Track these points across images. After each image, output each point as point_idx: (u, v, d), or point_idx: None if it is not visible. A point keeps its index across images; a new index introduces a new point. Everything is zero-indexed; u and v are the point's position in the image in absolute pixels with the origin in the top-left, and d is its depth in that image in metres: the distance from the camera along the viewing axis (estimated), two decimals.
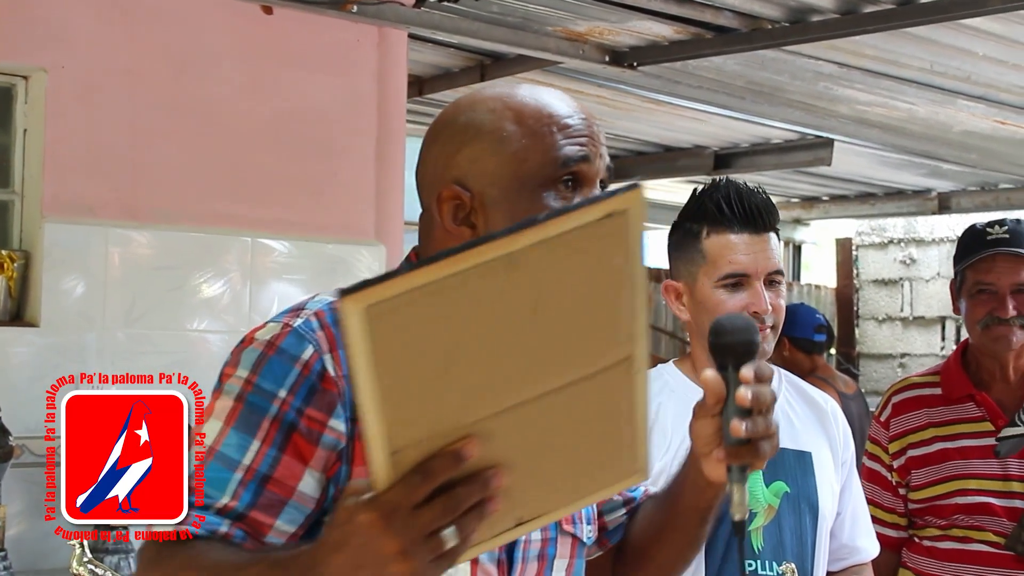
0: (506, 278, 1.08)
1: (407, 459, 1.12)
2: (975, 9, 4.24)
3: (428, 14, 4.36)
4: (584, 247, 1.12)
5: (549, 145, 1.50)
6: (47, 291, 3.55)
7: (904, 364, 10.51)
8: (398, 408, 1.09)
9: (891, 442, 3.04)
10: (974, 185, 9.06)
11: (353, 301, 1.04)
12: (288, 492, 1.42)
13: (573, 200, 1.48)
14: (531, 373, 1.14)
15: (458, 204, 1.51)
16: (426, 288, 1.06)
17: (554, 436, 1.19)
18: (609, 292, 1.16)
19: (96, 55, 3.69)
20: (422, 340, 1.08)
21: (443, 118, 1.59)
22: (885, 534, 2.99)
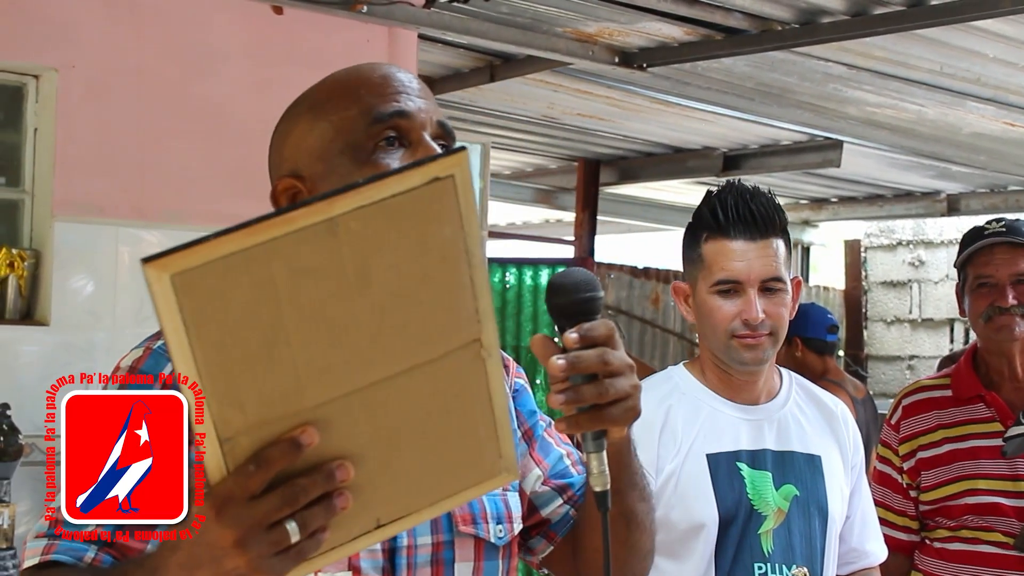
0: (326, 246, 1.02)
1: (240, 448, 1.06)
2: (985, 11, 4.23)
3: (438, 15, 4.37)
4: (408, 214, 1.05)
5: (362, 107, 1.44)
6: (57, 290, 3.56)
7: (912, 366, 10.50)
8: (223, 389, 1.03)
9: (901, 444, 3.04)
10: (983, 187, 9.05)
11: (156, 268, 0.98)
12: None
13: (399, 156, 1.42)
14: (370, 354, 1.08)
15: (295, 192, 1.47)
16: (238, 255, 0.99)
17: (404, 426, 1.12)
18: (444, 266, 1.09)
19: (106, 55, 3.70)
20: (240, 313, 1.01)
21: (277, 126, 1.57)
22: (896, 537, 2.99)
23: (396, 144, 1.43)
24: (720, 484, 2.25)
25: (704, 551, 2.22)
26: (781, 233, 2.30)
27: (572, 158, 8.24)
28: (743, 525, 2.24)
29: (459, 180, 1.06)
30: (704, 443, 2.27)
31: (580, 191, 8.29)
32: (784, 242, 2.31)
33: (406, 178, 1.04)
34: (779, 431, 2.34)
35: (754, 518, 2.25)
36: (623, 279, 8.62)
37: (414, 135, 1.44)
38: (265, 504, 1.07)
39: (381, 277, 1.05)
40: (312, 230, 1.01)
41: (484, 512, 1.54)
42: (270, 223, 1.00)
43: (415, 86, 1.48)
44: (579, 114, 6.63)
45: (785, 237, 2.32)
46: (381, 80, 1.47)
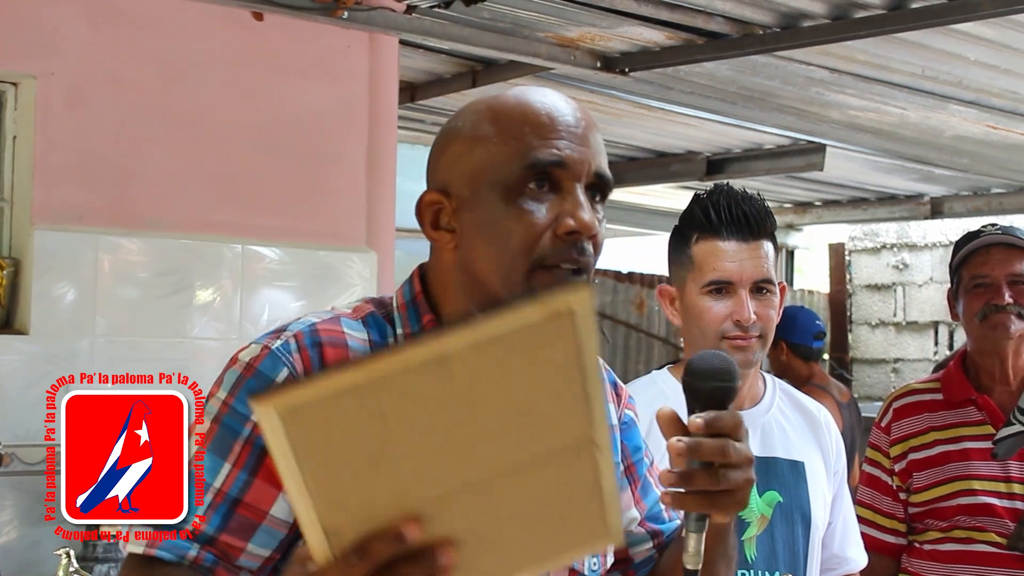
0: (438, 379, 1.04)
1: (346, 538, 1.10)
2: (966, 14, 4.24)
3: (419, 20, 4.36)
4: (524, 347, 1.06)
5: (522, 146, 1.44)
6: (37, 299, 3.54)
7: (897, 369, 10.52)
8: (328, 496, 1.07)
9: (892, 446, 3.05)
10: (966, 190, 9.08)
11: (264, 406, 1.02)
12: (259, 516, 1.40)
13: (546, 205, 1.43)
14: (477, 460, 1.11)
15: (439, 208, 1.49)
16: (348, 392, 1.02)
17: (512, 513, 1.16)
18: (559, 386, 1.10)
19: (86, 62, 3.68)
20: (346, 436, 1.05)
21: (442, 128, 1.58)
22: (884, 539, 3.00)
23: (547, 189, 1.44)
24: None
25: None
26: (771, 236, 2.30)
27: None
28: None
29: (579, 314, 1.06)
30: None
31: None
32: (773, 245, 2.31)
33: (524, 314, 1.04)
34: (763, 437, 2.34)
35: (738, 525, 2.25)
36: (607, 284, 8.62)
37: (567, 184, 1.45)
38: None
39: (491, 400, 1.07)
40: (425, 367, 1.03)
41: None
42: (383, 362, 1.02)
43: (580, 130, 1.48)
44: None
45: (774, 241, 2.32)
46: (548, 120, 1.46)
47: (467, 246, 1.47)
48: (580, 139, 1.47)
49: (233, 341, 3.80)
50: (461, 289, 1.49)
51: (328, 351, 1.45)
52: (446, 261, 1.51)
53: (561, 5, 4.41)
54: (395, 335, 1.51)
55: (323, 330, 1.48)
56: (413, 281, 1.56)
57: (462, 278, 1.49)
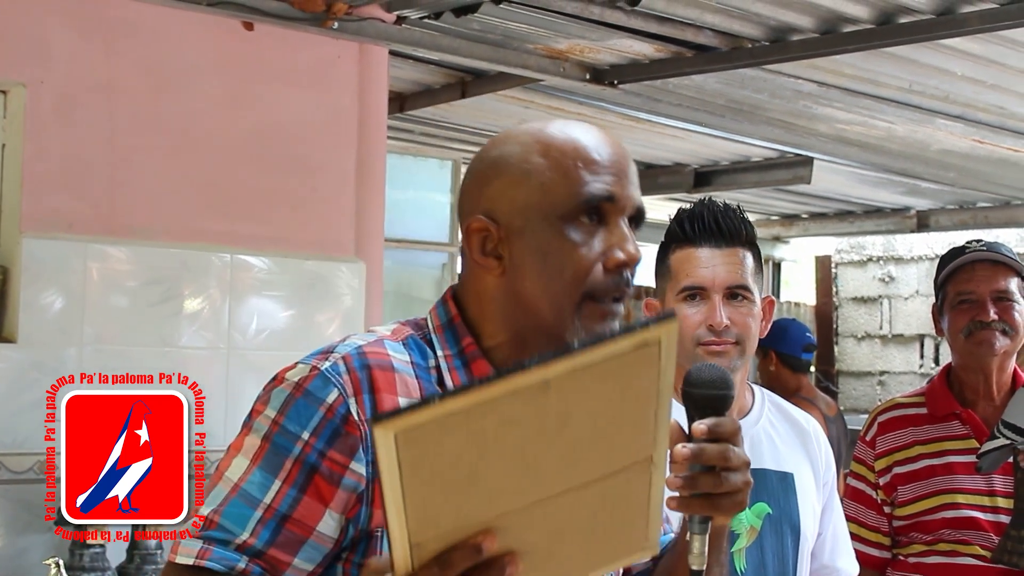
0: (537, 403, 1.13)
1: (428, 549, 1.17)
2: (953, 29, 4.26)
3: (409, 31, 4.36)
4: (615, 373, 1.16)
5: (574, 180, 1.52)
6: (25, 307, 3.53)
7: (883, 382, 10.54)
8: (423, 512, 1.14)
9: (877, 459, 3.06)
10: (952, 203, 9.10)
11: (383, 428, 1.09)
12: (307, 532, 1.46)
13: (596, 237, 1.51)
14: (555, 477, 1.19)
15: (486, 235, 1.54)
16: (458, 414, 1.10)
17: (572, 525, 1.25)
18: (636, 409, 1.21)
19: (76, 70, 3.68)
20: (450, 458, 1.13)
21: (479, 153, 1.63)
22: (868, 553, 3.01)
23: (596, 222, 1.52)
24: None
25: None
26: (748, 245, 2.32)
27: None
28: None
29: (665, 344, 1.18)
30: None
31: None
32: (753, 255, 2.32)
33: (619, 343, 1.15)
34: (751, 448, 2.34)
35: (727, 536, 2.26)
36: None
37: (614, 218, 1.53)
38: None
39: (578, 421, 1.17)
40: (527, 391, 1.12)
41: None
42: (492, 387, 1.11)
43: (626, 167, 1.57)
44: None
45: (754, 250, 2.33)
46: (597, 156, 1.54)
47: (516, 274, 1.53)
48: (626, 174, 1.56)
49: (221, 350, 3.80)
50: (504, 314, 1.55)
51: (376, 373, 1.50)
52: (489, 286, 1.56)
53: (551, 17, 4.42)
54: (435, 356, 1.56)
55: (370, 352, 1.53)
56: (448, 304, 1.62)
57: (507, 304, 1.54)
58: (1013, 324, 2.97)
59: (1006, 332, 2.96)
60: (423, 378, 1.53)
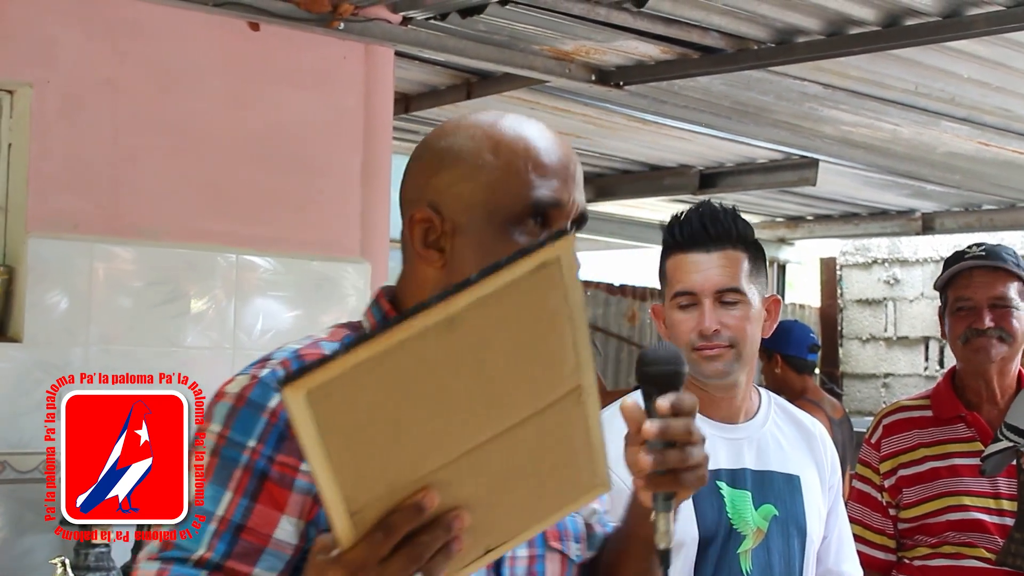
0: (446, 340, 1.10)
1: (368, 517, 1.14)
2: (960, 32, 4.26)
3: (415, 32, 4.36)
4: (519, 297, 1.14)
5: (523, 183, 1.51)
6: (30, 306, 3.53)
7: (888, 384, 10.53)
8: (353, 475, 1.11)
9: (882, 462, 3.07)
10: (958, 206, 9.09)
11: (293, 389, 1.06)
12: (264, 540, 1.43)
13: (539, 237, 1.49)
14: (482, 419, 1.16)
15: (429, 227, 1.53)
16: (366, 363, 1.07)
17: (513, 469, 1.21)
18: (551, 334, 1.18)
19: (82, 70, 3.68)
20: (368, 411, 1.09)
21: (426, 140, 1.61)
22: (873, 556, 3.01)
23: (540, 224, 1.51)
24: (700, 503, 2.25)
25: (682, 570, 2.22)
26: (742, 246, 2.31)
27: None
28: (722, 544, 2.24)
29: (564, 261, 1.15)
30: None
31: None
32: (750, 256, 2.31)
33: (517, 267, 1.13)
34: (758, 451, 2.35)
35: (733, 537, 2.26)
36: (599, 296, 8.61)
37: (558, 222, 1.53)
38: (394, 565, 1.16)
39: (494, 355, 1.14)
40: (434, 329, 1.09)
41: (568, 531, 1.67)
42: (395, 330, 1.08)
43: (572, 170, 1.56)
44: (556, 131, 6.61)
45: (751, 251, 2.32)
46: (547, 160, 1.54)
47: (456, 269, 1.51)
48: (573, 178, 1.56)
49: (227, 350, 3.80)
50: None
51: None
52: (429, 279, 1.54)
53: (557, 19, 4.41)
54: None
55: (307, 355, 1.51)
56: (381, 302, 1.61)
57: None
58: (1011, 331, 2.97)
59: (1003, 339, 2.96)
60: None
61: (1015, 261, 3.02)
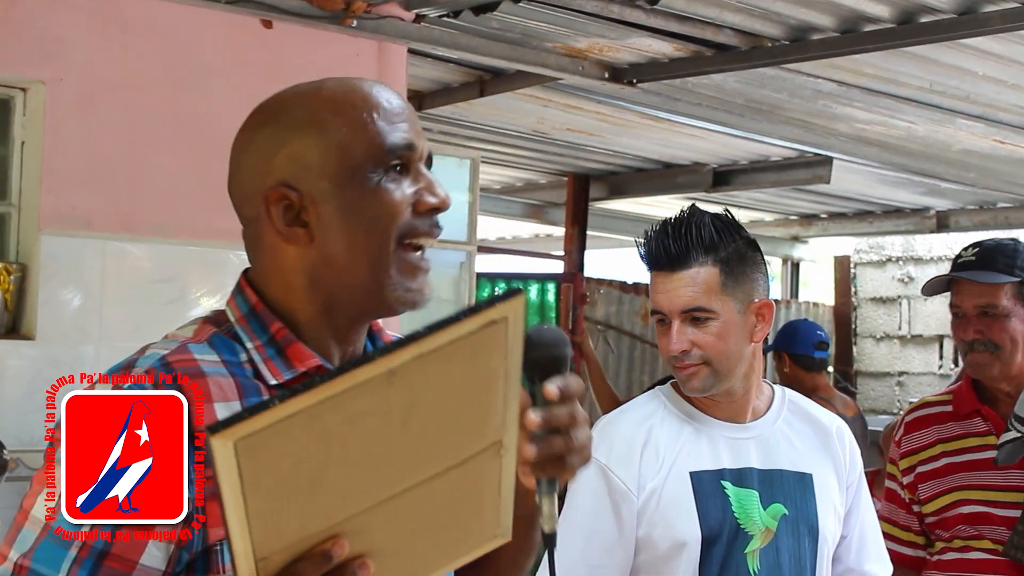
0: (382, 393, 1.08)
1: (275, 563, 1.12)
2: (975, 29, 4.24)
3: (428, 29, 4.36)
4: (461, 355, 1.12)
5: (373, 132, 1.46)
6: (43, 304, 3.54)
7: (902, 382, 10.51)
8: (267, 523, 1.09)
9: (902, 459, 3.07)
10: (972, 204, 9.07)
11: (221, 437, 1.03)
12: (129, 567, 1.32)
13: (404, 183, 1.47)
14: (403, 471, 1.15)
15: (287, 205, 1.47)
16: (299, 415, 1.05)
17: (424, 518, 1.20)
18: (484, 390, 1.17)
19: (95, 68, 3.69)
20: (292, 462, 1.07)
21: (251, 124, 1.58)
22: (902, 552, 3.01)
23: (401, 172, 1.47)
24: (703, 502, 2.24)
25: (686, 570, 2.21)
26: (712, 260, 2.27)
27: (562, 173, 8.23)
28: (728, 544, 2.23)
29: (512, 320, 1.14)
30: (687, 461, 2.27)
31: (570, 206, 8.28)
32: (721, 268, 2.27)
33: (466, 324, 1.10)
34: (766, 449, 2.33)
35: (740, 537, 2.25)
36: (612, 294, 8.60)
37: (415, 165, 1.49)
38: None
39: (425, 409, 1.12)
40: (372, 382, 1.07)
41: None
42: (334, 382, 1.05)
43: (414, 115, 1.53)
44: (569, 129, 6.62)
45: (722, 264, 2.28)
46: (388, 106, 1.49)
47: (326, 237, 1.45)
48: (416, 123, 1.52)
49: None
50: (313, 286, 1.47)
51: (186, 383, 1.37)
52: (293, 260, 1.48)
53: (570, 16, 4.41)
54: (245, 350, 1.47)
55: (175, 362, 1.41)
56: (246, 291, 1.54)
57: (317, 273, 1.47)
58: (998, 341, 2.90)
59: (992, 350, 2.92)
60: (238, 375, 1.43)
61: (1010, 262, 2.95)
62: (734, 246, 2.29)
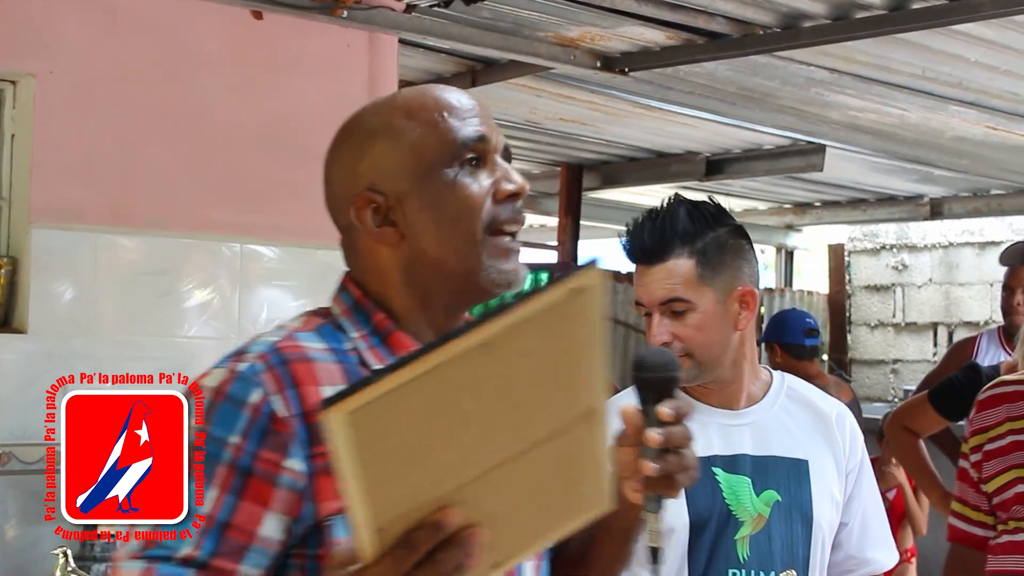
0: (480, 364, 1.14)
1: (392, 533, 1.16)
2: (967, 15, 4.24)
3: (419, 19, 4.35)
4: (552, 323, 1.18)
5: (444, 130, 1.55)
6: (35, 297, 3.53)
7: (896, 370, 10.52)
8: (383, 493, 1.14)
9: (971, 437, 3.03)
10: (966, 191, 9.07)
11: (336, 411, 1.08)
12: (249, 537, 1.42)
13: (481, 176, 1.56)
14: (504, 440, 1.19)
15: (375, 207, 1.56)
16: (404, 387, 1.10)
17: (526, 488, 1.25)
18: (575, 358, 1.23)
19: (85, 60, 3.67)
20: (401, 432, 1.12)
21: (336, 140, 1.68)
22: (971, 532, 2.98)
23: (475, 164, 1.56)
24: (693, 488, 2.23)
25: (675, 555, 2.21)
26: (688, 251, 2.26)
27: (555, 163, 8.22)
28: (717, 530, 2.23)
29: (595, 289, 1.22)
30: None
31: (563, 196, 8.28)
32: (698, 259, 2.26)
33: (553, 293, 1.18)
34: (759, 436, 2.33)
35: (730, 523, 2.24)
36: (606, 284, 8.61)
37: (490, 156, 1.58)
38: None
39: (522, 379, 1.18)
40: (472, 351, 1.13)
41: None
42: (437, 352, 1.11)
43: (486, 111, 1.61)
44: (561, 119, 6.62)
45: (699, 254, 2.27)
46: (458, 104, 1.58)
47: (415, 234, 1.55)
48: (489, 116, 1.60)
49: (232, 340, 3.79)
50: (409, 281, 1.56)
51: (296, 367, 1.48)
52: (387, 258, 1.58)
53: (561, 5, 4.40)
54: (350, 339, 1.56)
55: (285, 347, 1.51)
56: (348, 288, 1.63)
57: (411, 268, 1.56)
58: None
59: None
60: (344, 361, 1.52)
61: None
62: (712, 235, 2.29)
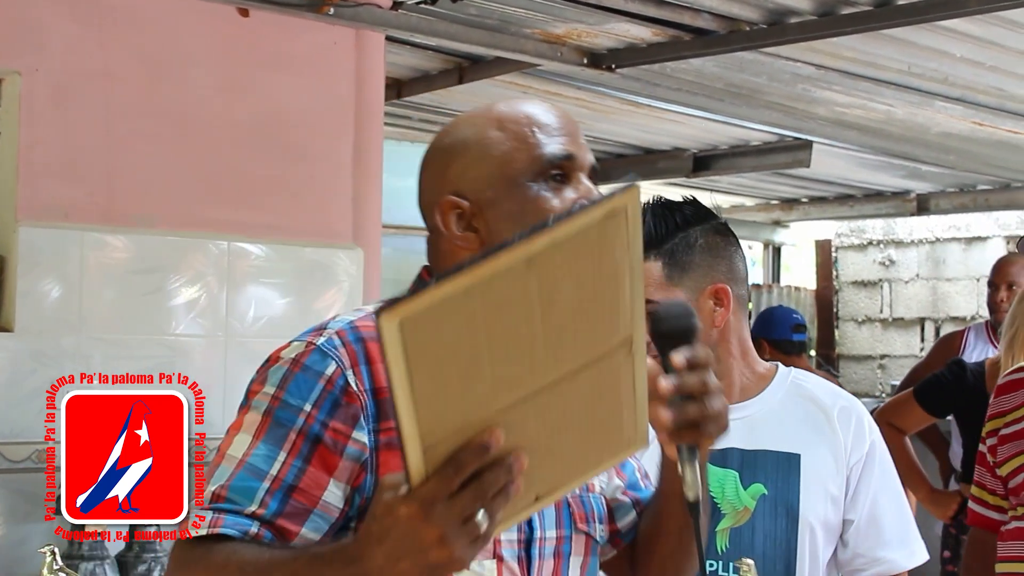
0: (523, 280, 1.17)
1: (439, 453, 1.20)
2: (952, 11, 4.25)
3: (405, 16, 4.35)
4: (589, 243, 1.22)
5: (533, 145, 1.62)
6: (21, 296, 3.52)
7: (884, 366, 10.54)
8: (430, 409, 1.17)
9: (988, 421, 3.02)
10: (952, 186, 9.09)
11: (388, 316, 1.12)
12: (313, 501, 1.51)
13: (565, 192, 1.61)
14: (546, 362, 1.22)
15: (459, 213, 1.63)
16: (454, 297, 1.13)
17: (566, 417, 1.28)
18: (612, 282, 1.26)
19: (71, 58, 3.67)
20: (451, 344, 1.16)
21: (431, 146, 1.72)
22: (989, 516, 2.98)
23: (560, 180, 1.62)
24: None
25: None
26: (652, 255, 2.26)
27: None
28: None
29: (631, 211, 1.25)
30: None
31: None
32: (664, 260, 2.26)
33: (590, 214, 1.21)
34: (750, 430, 2.32)
35: (713, 516, 2.24)
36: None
37: (575, 174, 1.64)
38: (462, 500, 1.22)
39: (562, 298, 1.21)
40: (515, 267, 1.16)
41: (594, 512, 1.75)
42: (483, 265, 1.15)
43: (577, 130, 1.68)
44: None
45: (665, 256, 2.26)
46: (549, 121, 1.65)
47: (495, 241, 1.58)
48: (578, 135, 1.67)
49: (219, 338, 3.79)
50: None
51: (370, 345, 1.56)
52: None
53: (548, 2, 4.40)
54: None
55: (362, 326, 1.60)
56: (424, 279, 1.72)
57: None
58: None
59: None
60: None
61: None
62: (681, 236, 2.28)
